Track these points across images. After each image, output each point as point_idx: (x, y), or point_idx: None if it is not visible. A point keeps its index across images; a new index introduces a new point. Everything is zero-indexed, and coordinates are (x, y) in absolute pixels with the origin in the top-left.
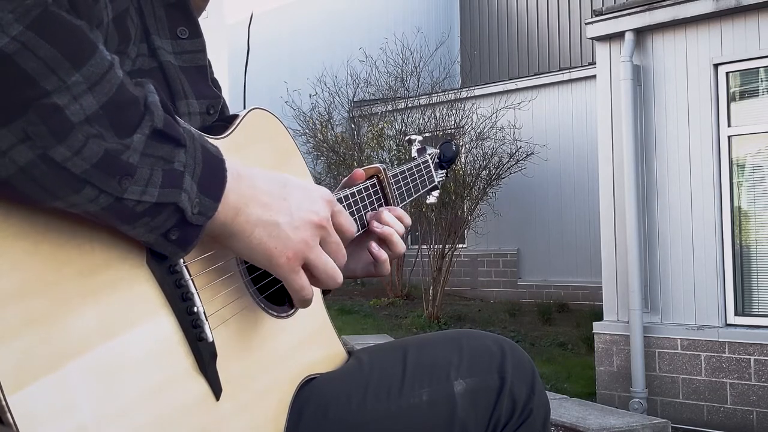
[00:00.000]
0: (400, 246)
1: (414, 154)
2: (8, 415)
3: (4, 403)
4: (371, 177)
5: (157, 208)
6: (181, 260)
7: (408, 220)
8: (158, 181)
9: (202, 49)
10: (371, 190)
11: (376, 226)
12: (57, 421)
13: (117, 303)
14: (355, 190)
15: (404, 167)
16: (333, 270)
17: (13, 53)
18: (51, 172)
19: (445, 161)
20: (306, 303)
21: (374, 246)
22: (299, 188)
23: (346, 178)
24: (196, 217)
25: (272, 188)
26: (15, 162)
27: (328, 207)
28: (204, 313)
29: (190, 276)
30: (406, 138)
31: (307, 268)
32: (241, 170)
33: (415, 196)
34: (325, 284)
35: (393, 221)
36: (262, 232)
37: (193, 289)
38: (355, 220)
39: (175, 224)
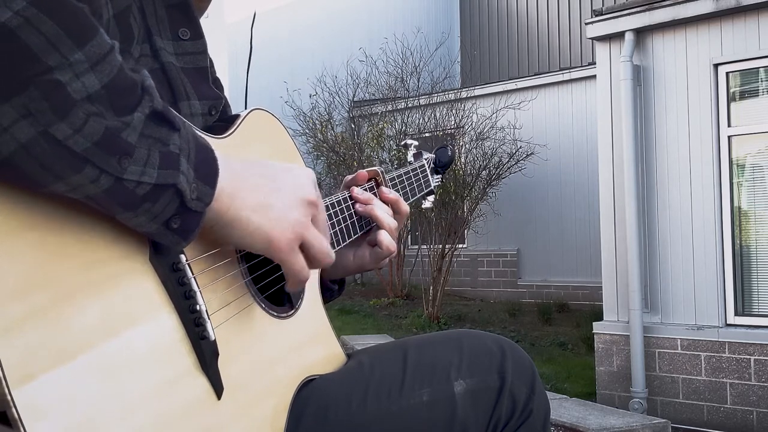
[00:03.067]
0: (386, 220)
1: (410, 158)
2: (13, 409)
3: (9, 397)
4: (369, 180)
5: (158, 191)
6: (184, 258)
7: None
8: (156, 161)
9: (204, 51)
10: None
11: (360, 207)
12: (60, 417)
13: (120, 300)
14: (356, 192)
15: (401, 171)
16: (327, 247)
17: (16, 28)
18: (52, 150)
19: (441, 166)
20: (302, 284)
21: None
22: (284, 169)
23: (349, 177)
24: (195, 203)
25: (261, 172)
26: (16, 138)
27: (314, 187)
28: (206, 311)
29: (193, 274)
30: (402, 142)
31: (302, 248)
32: (228, 159)
33: (411, 200)
34: (320, 262)
35: (366, 197)
36: (260, 216)
37: (195, 287)
38: (353, 222)
39: (176, 211)
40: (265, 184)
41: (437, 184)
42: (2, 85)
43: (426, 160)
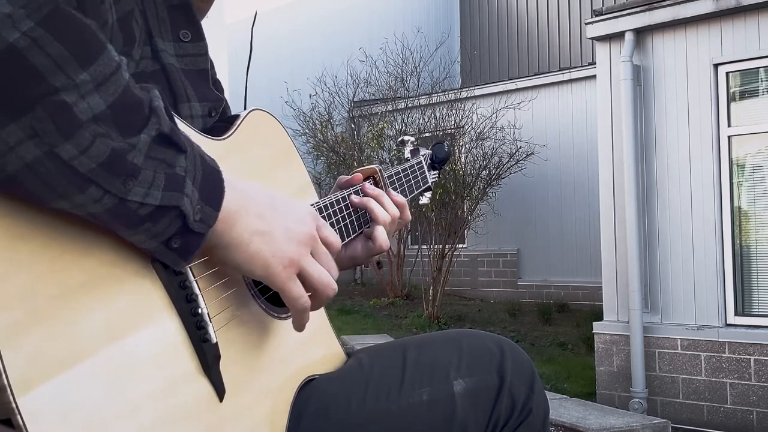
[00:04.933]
0: (381, 214)
1: (407, 155)
2: (18, 416)
3: (14, 405)
4: (368, 178)
5: (160, 212)
6: None
7: (401, 211)
8: (161, 183)
9: (204, 53)
10: None
11: (355, 198)
12: (65, 422)
13: (123, 304)
14: (352, 191)
15: (399, 168)
16: (327, 279)
17: (23, 49)
18: (57, 170)
19: (438, 162)
20: (304, 312)
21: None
22: (286, 202)
23: (345, 179)
24: (198, 225)
25: (264, 200)
26: (22, 158)
27: (314, 221)
28: (208, 314)
29: (194, 277)
30: (399, 139)
31: (302, 278)
32: (234, 181)
33: (409, 197)
34: (321, 293)
35: (375, 193)
36: (259, 241)
37: (197, 291)
38: (352, 221)
39: (177, 231)
40: (268, 213)
41: (434, 180)
42: (9, 104)
43: (423, 156)
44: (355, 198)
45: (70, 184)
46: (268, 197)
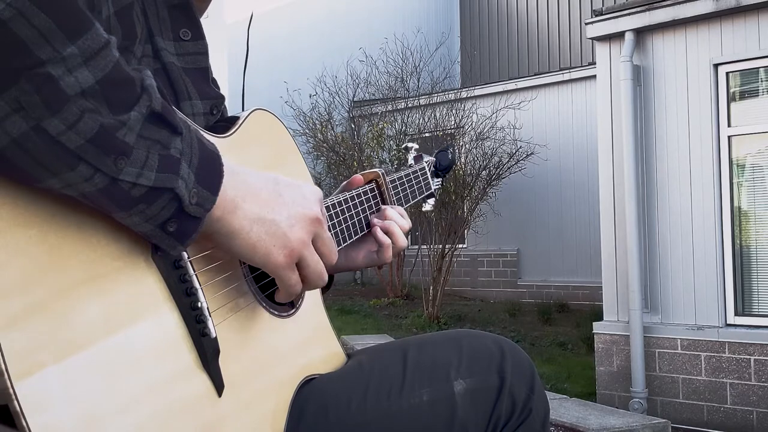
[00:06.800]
0: (401, 239)
1: (411, 161)
2: (15, 402)
3: (11, 390)
4: (370, 181)
5: (154, 194)
6: (186, 255)
7: (408, 220)
8: (154, 164)
9: (205, 51)
10: (370, 194)
11: (377, 221)
12: (62, 410)
13: (122, 296)
14: (354, 193)
15: (402, 173)
16: (322, 269)
17: (8, 20)
18: (44, 145)
19: (441, 169)
20: (293, 297)
21: (379, 231)
22: (291, 185)
23: (344, 182)
24: (195, 209)
25: (266, 185)
26: (8, 133)
27: (320, 204)
28: (207, 309)
29: (194, 271)
30: (403, 145)
31: (298, 266)
32: (234, 167)
33: (411, 203)
34: (313, 283)
35: (395, 215)
36: (261, 230)
37: (197, 285)
38: (354, 222)
39: (173, 215)
40: (270, 198)
41: (437, 187)
42: None
43: (426, 163)
44: (378, 221)
45: (59, 161)
46: (272, 181)
